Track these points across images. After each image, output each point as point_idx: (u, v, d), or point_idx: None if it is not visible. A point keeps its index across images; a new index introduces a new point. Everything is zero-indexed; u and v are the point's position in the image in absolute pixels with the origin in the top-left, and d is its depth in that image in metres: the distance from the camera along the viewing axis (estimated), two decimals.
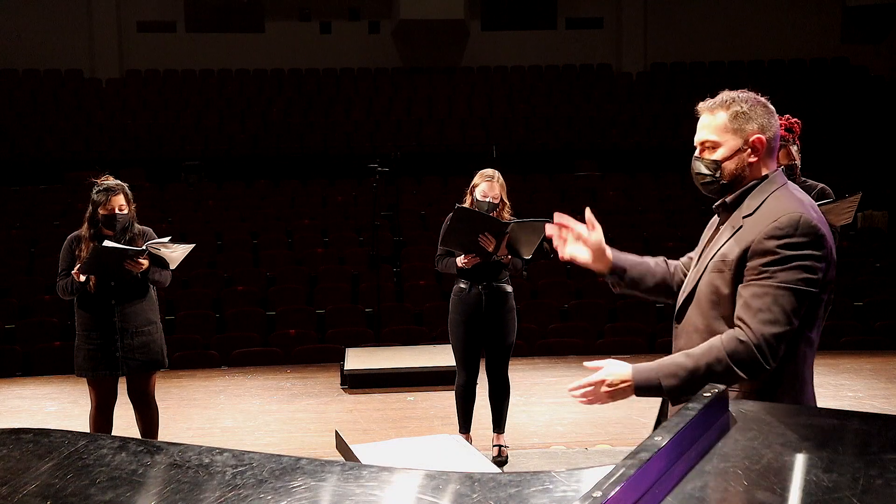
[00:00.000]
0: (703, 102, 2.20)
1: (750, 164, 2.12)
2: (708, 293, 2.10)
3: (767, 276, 1.97)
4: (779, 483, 1.43)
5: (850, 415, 1.75)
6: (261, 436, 5.34)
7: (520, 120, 14.21)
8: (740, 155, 2.12)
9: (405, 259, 9.54)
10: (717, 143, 2.13)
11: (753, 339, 1.95)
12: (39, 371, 7.55)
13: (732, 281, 2.04)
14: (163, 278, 4.27)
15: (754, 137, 2.12)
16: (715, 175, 2.13)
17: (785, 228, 1.98)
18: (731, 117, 2.12)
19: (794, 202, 2.05)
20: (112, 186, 4.16)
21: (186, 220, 10.64)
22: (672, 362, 2.02)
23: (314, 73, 15.97)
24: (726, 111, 2.13)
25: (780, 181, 2.14)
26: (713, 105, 2.16)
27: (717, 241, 2.14)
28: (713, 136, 2.13)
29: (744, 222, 2.07)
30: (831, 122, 13.42)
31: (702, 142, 2.16)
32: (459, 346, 4.59)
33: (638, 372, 2.01)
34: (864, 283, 9.17)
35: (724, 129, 2.12)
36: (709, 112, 2.16)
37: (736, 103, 2.14)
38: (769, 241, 1.98)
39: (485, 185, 4.49)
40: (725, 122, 2.12)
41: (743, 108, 2.13)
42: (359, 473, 1.59)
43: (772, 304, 1.95)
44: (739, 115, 2.12)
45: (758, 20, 16.48)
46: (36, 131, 13.45)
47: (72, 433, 1.83)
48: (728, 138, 2.12)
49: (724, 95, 2.17)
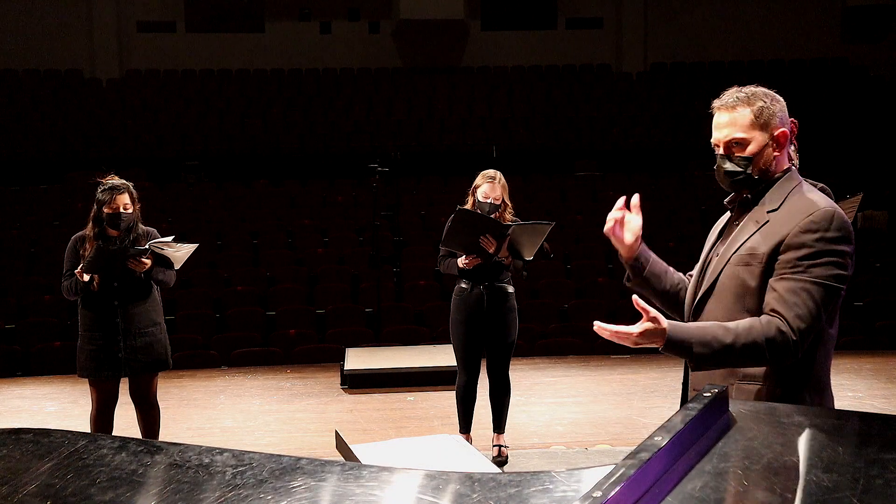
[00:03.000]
0: (718, 100, 2.19)
1: (775, 157, 2.15)
2: (733, 286, 2.10)
3: (802, 271, 1.99)
4: (779, 483, 1.43)
5: (850, 415, 1.75)
6: (261, 436, 5.34)
7: (520, 120, 14.21)
8: (767, 150, 2.13)
9: (405, 259, 9.54)
10: (746, 139, 2.13)
11: (791, 333, 1.97)
12: (39, 371, 7.55)
13: (762, 274, 2.05)
14: (167, 278, 4.26)
15: (779, 131, 2.14)
16: (747, 171, 2.13)
17: (820, 223, 2.00)
18: (756, 113, 2.12)
19: (823, 198, 2.09)
20: (117, 185, 4.15)
21: (186, 220, 10.64)
22: (710, 332, 1.99)
23: (314, 73, 15.97)
24: (750, 107, 2.12)
25: (797, 177, 2.17)
26: (733, 102, 2.14)
27: (739, 235, 2.14)
28: (741, 133, 2.13)
29: (770, 217, 2.09)
30: (831, 122, 13.42)
31: (728, 139, 2.14)
32: (460, 346, 4.59)
33: (674, 328, 1.98)
34: (864, 283, 9.17)
35: (752, 126, 2.12)
36: (729, 110, 2.14)
37: (757, 98, 2.14)
38: (806, 235, 2.00)
39: (486, 186, 4.49)
40: (752, 119, 2.12)
41: (766, 102, 2.14)
42: (359, 473, 1.59)
43: (807, 299, 1.98)
44: (764, 109, 2.13)
45: (758, 20, 16.48)
46: (36, 131, 13.45)
47: (72, 433, 1.83)
48: (756, 134, 2.12)
49: (741, 91, 2.16)
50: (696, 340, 1.97)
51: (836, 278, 2.00)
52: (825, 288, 1.99)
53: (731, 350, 1.97)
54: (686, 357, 2.00)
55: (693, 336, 1.98)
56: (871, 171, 11.96)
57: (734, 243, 2.14)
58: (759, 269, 2.06)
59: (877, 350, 7.88)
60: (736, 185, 2.16)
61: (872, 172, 11.91)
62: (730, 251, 2.14)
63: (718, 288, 2.13)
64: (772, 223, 2.08)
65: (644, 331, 1.95)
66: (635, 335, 1.95)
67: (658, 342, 1.97)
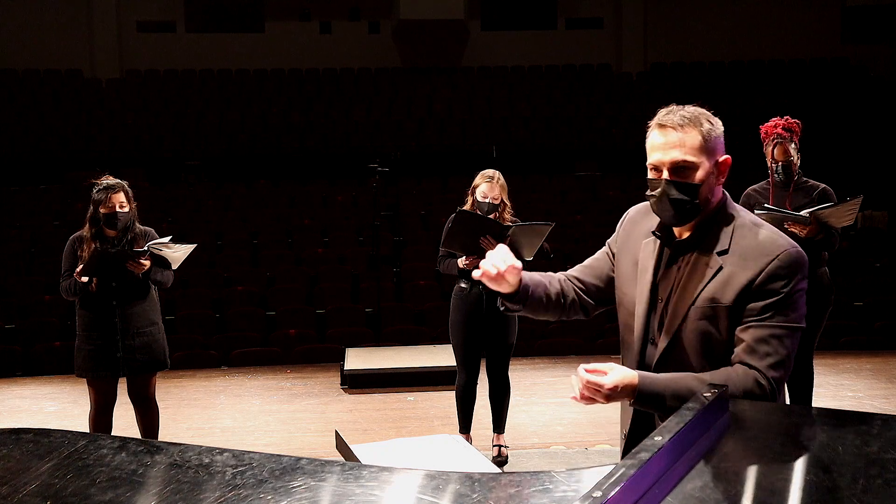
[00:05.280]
0: (664, 116, 1.98)
1: (715, 187, 1.98)
2: (697, 340, 1.95)
3: (770, 317, 1.88)
4: (779, 483, 1.43)
5: (850, 415, 1.75)
6: (261, 436, 5.34)
7: (520, 120, 14.21)
8: (711, 178, 1.96)
9: (405, 259, 9.54)
10: (696, 164, 1.93)
11: (767, 385, 1.86)
12: (39, 371, 7.55)
13: (729, 327, 1.92)
14: (165, 278, 4.27)
15: (724, 158, 1.98)
16: (693, 200, 1.94)
17: (788, 268, 1.88)
18: (705, 136, 1.94)
19: (778, 234, 1.96)
20: (112, 184, 4.16)
21: (186, 220, 10.64)
22: (683, 385, 1.86)
23: (314, 73, 15.98)
24: (697, 129, 1.94)
25: (733, 205, 2.02)
26: (682, 122, 1.94)
27: (690, 282, 1.97)
28: (691, 157, 1.93)
29: (722, 261, 1.93)
30: (831, 122, 13.42)
31: (676, 162, 1.94)
32: (460, 346, 4.59)
33: (644, 380, 1.86)
34: (864, 283, 9.17)
35: (701, 150, 1.93)
36: (679, 130, 1.94)
37: (703, 119, 1.96)
38: (774, 283, 1.88)
39: (485, 185, 4.49)
40: (701, 142, 1.93)
41: (712, 125, 1.97)
42: (359, 473, 1.59)
43: (779, 346, 1.87)
44: (711, 132, 1.95)
45: (758, 20, 16.49)
46: (36, 131, 13.45)
47: (72, 433, 1.84)
48: (704, 160, 1.94)
49: (684, 111, 1.97)
50: (670, 393, 1.85)
51: (801, 318, 1.92)
52: (793, 331, 1.89)
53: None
54: (658, 410, 1.88)
55: (667, 388, 1.86)
56: (871, 171, 11.96)
57: (686, 292, 1.97)
58: (725, 322, 1.92)
59: (877, 350, 7.88)
60: (679, 215, 1.96)
61: (872, 172, 11.91)
62: (685, 302, 1.96)
63: (680, 344, 1.97)
64: (727, 268, 1.92)
65: (615, 385, 1.84)
66: (607, 388, 1.83)
67: (625, 398, 1.86)
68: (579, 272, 2.26)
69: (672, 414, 1.80)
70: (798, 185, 4.42)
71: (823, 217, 4.16)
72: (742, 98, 14.30)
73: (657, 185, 1.97)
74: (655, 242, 2.06)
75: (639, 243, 2.11)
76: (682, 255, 2.01)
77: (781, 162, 4.37)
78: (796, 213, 4.18)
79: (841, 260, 9.05)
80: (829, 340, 7.59)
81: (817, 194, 4.38)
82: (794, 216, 4.17)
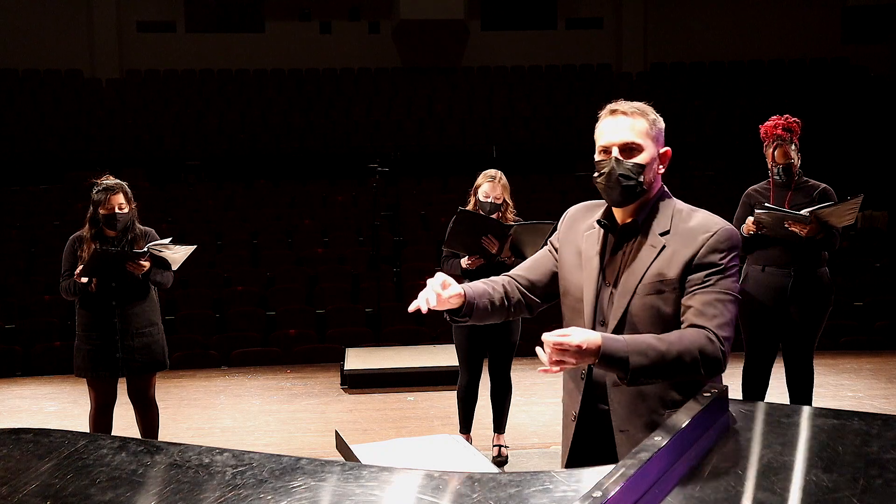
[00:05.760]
0: (615, 104, 2.14)
1: (657, 175, 2.13)
2: (647, 317, 2.05)
3: (712, 284, 2.01)
4: (779, 483, 1.43)
5: (850, 415, 1.75)
6: (261, 436, 5.34)
7: (520, 120, 14.21)
8: (654, 164, 2.12)
9: (405, 259, 9.54)
10: (642, 146, 2.09)
11: (717, 342, 1.95)
12: (39, 371, 7.55)
13: (677, 299, 2.04)
14: (164, 279, 4.27)
15: (665, 149, 2.15)
16: (638, 179, 2.08)
17: (724, 242, 2.03)
18: (650, 123, 2.11)
19: (713, 215, 2.10)
20: (111, 185, 4.16)
21: (186, 220, 10.64)
22: (643, 341, 1.92)
23: (314, 73, 15.98)
24: (645, 118, 2.10)
25: (670, 195, 2.17)
26: (632, 109, 2.11)
27: (636, 264, 2.08)
28: (638, 139, 2.09)
29: (664, 241, 2.07)
30: (831, 122, 13.42)
31: (624, 143, 2.09)
32: (463, 346, 4.59)
33: (607, 339, 1.88)
34: (864, 283, 9.17)
35: (647, 135, 2.10)
36: (629, 115, 2.10)
37: (650, 111, 2.13)
38: (714, 255, 2.02)
39: (487, 185, 4.49)
40: (647, 128, 2.10)
41: (657, 117, 2.14)
42: (359, 473, 1.59)
43: (724, 309, 1.99)
44: (656, 123, 2.13)
45: (758, 20, 16.49)
46: (36, 131, 13.45)
47: (72, 433, 1.84)
48: (649, 144, 2.10)
49: (635, 103, 2.13)
50: (632, 350, 1.88)
51: (737, 290, 2.05)
52: (734, 298, 2.02)
53: (666, 358, 1.90)
54: (620, 371, 1.89)
55: (628, 347, 1.88)
56: (871, 171, 11.96)
57: (634, 272, 2.08)
58: (672, 294, 2.03)
59: (877, 350, 7.88)
60: (625, 193, 2.08)
61: (872, 172, 11.91)
62: (632, 282, 2.07)
63: (630, 321, 2.06)
64: (670, 247, 2.06)
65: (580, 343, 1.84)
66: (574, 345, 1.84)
67: (590, 359, 1.88)
68: (523, 271, 2.35)
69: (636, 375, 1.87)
70: (798, 185, 4.41)
71: (824, 216, 4.15)
72: (742, 98, 14.30)
73: (606, 165, 2.11)
74: (599, 232, 2.18)
75: (581, 235, 2.23)
76: (627, 241, 2.13)
77: (782, 164, 4.37)
78: (797, 213, 4.17)
79: (841, 260, 9.06)
80: (829, 340, 7.59)
81: (818, 194, 4.37)
82: (794, 215, 4.16)
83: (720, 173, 12.29)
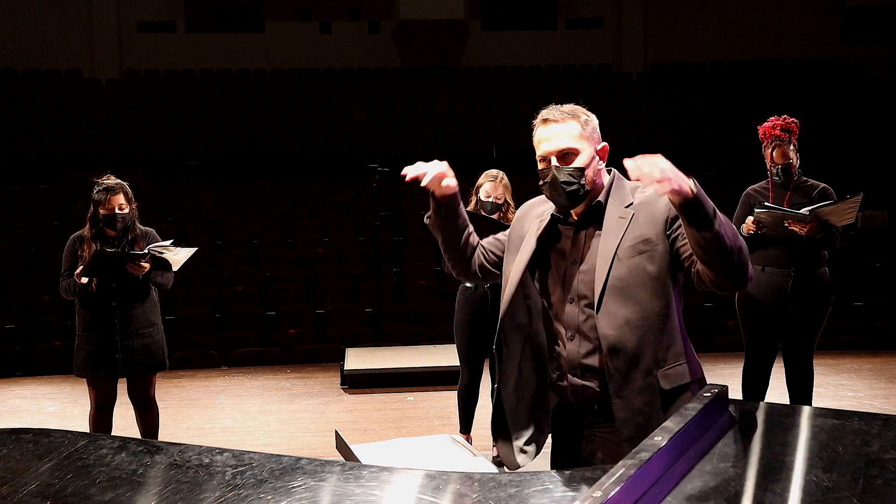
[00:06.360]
0: (546, 111, 2.21)
1: (599, 171, 2.19)
2: (636, 278, 2.06)
3: None
4: (779, 483, 1.43)
5: (850, 415, 1.75)
6: (261, 436, 5.34)
7: (520, 120, 14.19)
8: (594, 162, 2.17)
9: (405, 259, 9.54)
10: (578, 150, 2.15)
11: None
12: (39, 371, 7.55)
13: (660, 255, 2.06)
14: (165, 280, 4.26)
15: (602, 146, 2.21)
16: (580, 182, 2.14)
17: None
18: (582, 125, 2.16)
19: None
20: (111, 186, 4.15)
21: (186, 220, 10.64)
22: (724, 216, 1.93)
23: (314, 73, 15.98)
24: (576, 120, 2.16)
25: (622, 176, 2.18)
26: (562, 116, 2.17)
27: (608, 236, 2.11)
28: (573, 143, 2.15)
29: (632, 210, 2.11)
30: (831, 122, 13.42)
31: (561, 150, 2.15)
32: (464, 346, 4.58)
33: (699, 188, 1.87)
34: (864, 283, 9.17)
35: (581, 137, 2.15)
36: (561, 122, 2.16)
37: (581, 112, 2.19)
38: None
39: (488, 185, 4.49)
40: (580, 130, 2.16)
41: (588, 117, 2.19)
42: (359, 473, 1.59)
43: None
44: (588, 122, 2.18)
45: (758, 20, 16.48)
46: (36, 131, 13.45)
47: (72, 433, 1.84)
48: (585, 146, 2.16)
49: (562, 107, 2.19)
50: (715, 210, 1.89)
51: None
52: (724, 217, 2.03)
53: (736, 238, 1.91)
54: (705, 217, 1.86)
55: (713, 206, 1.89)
56: (871, 171, 11.96)
57: (605, 244, 2.10)
58: (655, 251, 2.06)
59: (877, 350, 7.88)
60: (571, 197, 2.15)
61: (872, 172, 11.91)
62: (608, 249, 2.09)
63: (619, 285, 2.07)
64: (640, 212, 2.10)
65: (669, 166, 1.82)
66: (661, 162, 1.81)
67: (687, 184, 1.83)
68: (487, 242, 2.49)
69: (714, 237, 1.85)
70: (797, 184, 4.41)
71: (824, 215, 4.15)
72: (742, 98, 14.29)
73: (548, 173, 2.19)
74: (545, 221, 2.26)
75: (531, 223, 2.32)
76: (591, 223, 2.18)
77: (781, 165, 4.37)
78: (796, 212, 4.17)
79: (841, 260, 9.05)
80: (829, 340, 7.59)
81: (817, 194, 4.37)
82: (794, 214, 4.16)
83: (720, 173, 12.28)
